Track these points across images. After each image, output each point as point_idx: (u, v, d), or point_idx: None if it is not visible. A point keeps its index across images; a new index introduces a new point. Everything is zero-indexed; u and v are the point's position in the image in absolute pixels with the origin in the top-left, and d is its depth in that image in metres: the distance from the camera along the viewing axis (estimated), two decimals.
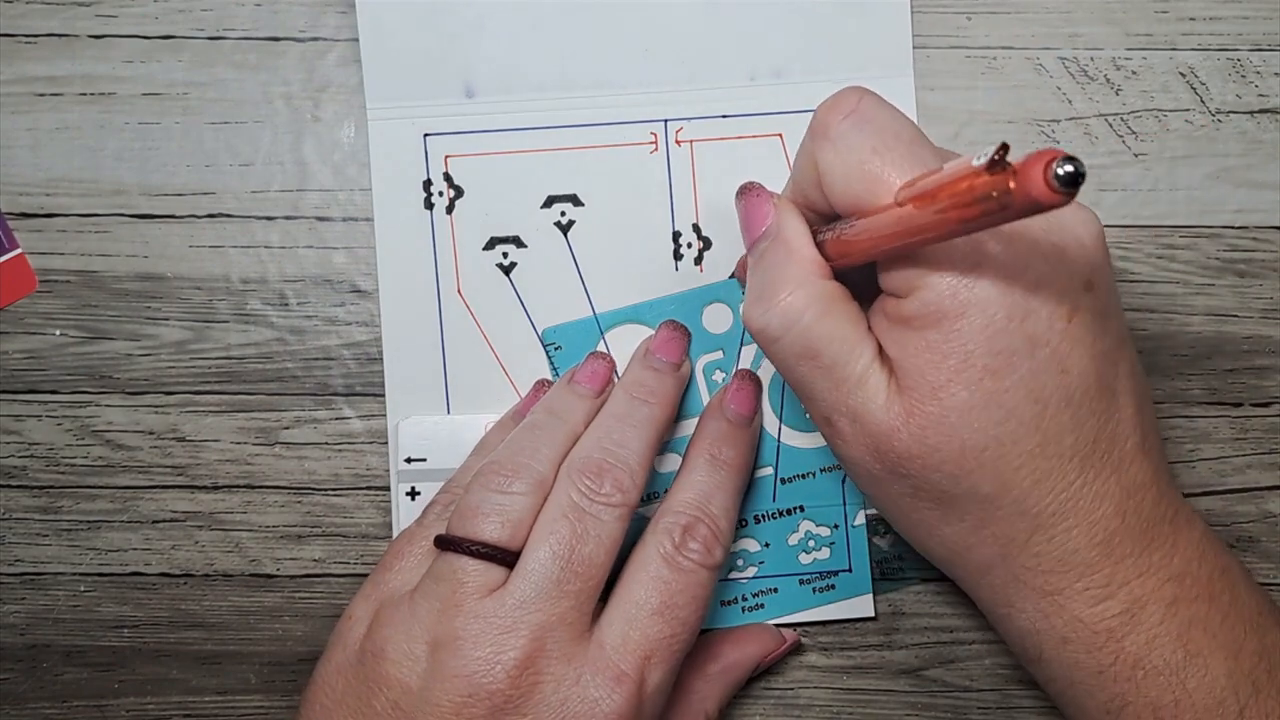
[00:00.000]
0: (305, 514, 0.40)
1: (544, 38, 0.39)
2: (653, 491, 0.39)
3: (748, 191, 0.34)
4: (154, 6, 0.40)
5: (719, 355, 0.39)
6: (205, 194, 0.40)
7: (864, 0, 0.39)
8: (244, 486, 0.40)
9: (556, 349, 0.39)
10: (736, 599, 0.40)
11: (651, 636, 0.33)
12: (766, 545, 0.39)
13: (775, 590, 0.40)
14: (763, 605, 0.40)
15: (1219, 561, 0.32)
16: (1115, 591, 0.31)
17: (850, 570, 0.40)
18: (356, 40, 0.39)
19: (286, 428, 0.40)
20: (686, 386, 0.39)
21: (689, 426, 0.39)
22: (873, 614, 0.40)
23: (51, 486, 0.40)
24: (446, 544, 0.33)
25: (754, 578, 0.40)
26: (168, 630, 0.41)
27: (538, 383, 0.39)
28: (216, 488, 0.40)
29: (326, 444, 0.40)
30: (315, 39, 0.40)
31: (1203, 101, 0.40)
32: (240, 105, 0.40)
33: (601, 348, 0.39)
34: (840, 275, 0.32)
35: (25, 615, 0.41)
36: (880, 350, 0.31)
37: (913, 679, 0.41)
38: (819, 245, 0.32)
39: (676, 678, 0.34)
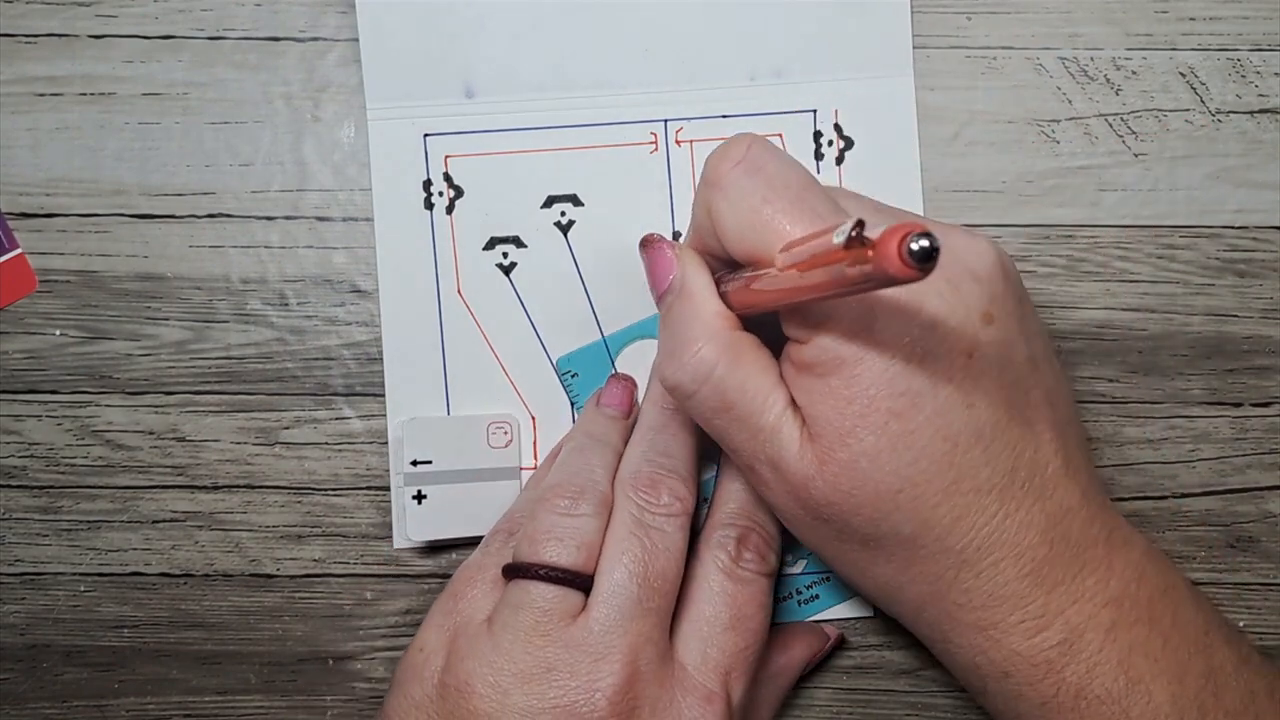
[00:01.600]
0: (305, 514, 0.40)
1: (544, 38, 0.39)
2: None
3: (649, 245, 0.34)
4: (154, 6, 0.40)
5: None
6: (205, 194, 0.40)
7: (864, 0, 0.39)
8: (244, 486, 0.40)
9: (573, 376, 0.39)
10: (790, 594, 0.40)
11: (729, 651, 0.33)
12: None
13: (828, 578, 0.40)
14: (817, 596, 0.40)
15: (1160, 581, 0.32)
16: (1051, 621, 0.30)
17: None
18: (356, 40, 0.39)
19: (286, 428, 0.40)
20: None
21: None
22: (873, 613, 0.40)
23: (51, 486, 0.40)
24: (518, 571, 0.33)
25: (804, 571, 0.40)
26: (168, 630, 0.41)
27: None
28: (216, 488, 0.40)
29: (326, 444, 0.40)
30: (315, 39, 0.40)
31: (1203, 101, 0.40)
32: (240, 105, 0.40)
33: (618, 367, 0.39)
34: (750, 322, 0.32)
35: (25, 615, 0.41)
36: (793, 398, 0.31)
37: (913, 679, 0.41)
38: (723, 295, 0.32)
39: None
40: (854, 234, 0.24)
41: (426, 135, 0.39)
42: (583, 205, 0.39)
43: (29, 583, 0.41)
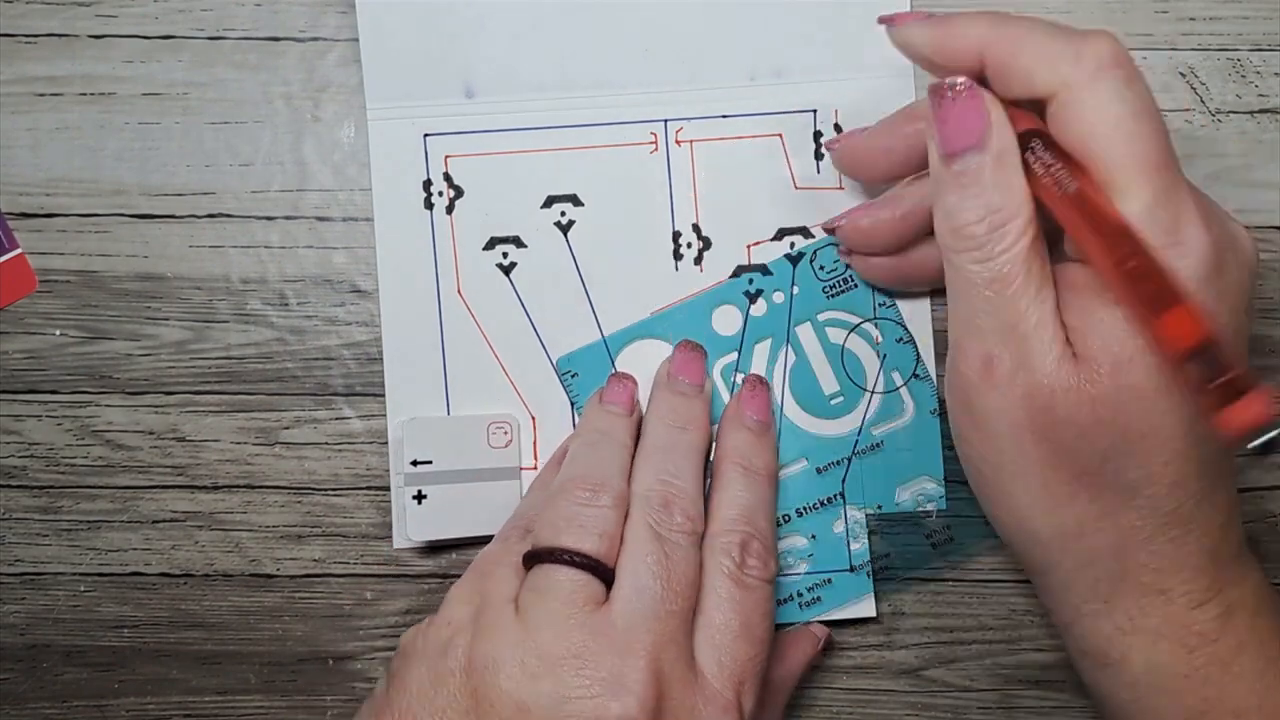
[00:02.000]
0: (305, 514, 0.40)
1: (544, 38, 0.39)
2: None
3: (957, 94, 0.30)
4: (154, 6, 0.40)
5: (734, 357, 0.39)
6: (205, 194, 0.40)
7: (864, 0, 0.39)
8: (244, 486, 0.40)
9: (573, 376, 0.39)
10: (792, 596, 0.40)
11: (741, 660, 0.33)
12: (813, 538, 0.39)
13: (829, 581, 0.40)
14: (819, 599, 0.40)
15: (1269, 584, 0.33)
16: (1213, 596, 0.31)
17: (850, 570, 0.40)
18: (356, 40, 0.39)
19: (286, 428, 0.40)
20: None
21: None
22: (874, 614, 0.40)
23: (51, 486, 0.40)
24: (540, 557, 0.33)
25: (806, 573, 0.40)
26: (168, 630, 0.41)
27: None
28: (216, 488, 0.40)
29: (326, 444, 0.40)
30: (315, 39, 0.40)
31: (1203, 101, 0.40)
32: (240, 105, 0.40)
33: (619, 367, 0.39)
34: None
35: (25, 615, 0.41)
36: (1056, 310, 0.30)
37: (913, 679, 0.41)
38: (1025, 139, 0.31)
39: None
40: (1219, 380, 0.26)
41: (426, 135, 0.39)
42: (583, 205, 0.39)
43: (29, 583, 0.41)
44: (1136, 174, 0.29)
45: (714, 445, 0.38)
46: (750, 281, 0.40)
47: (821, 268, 0.39)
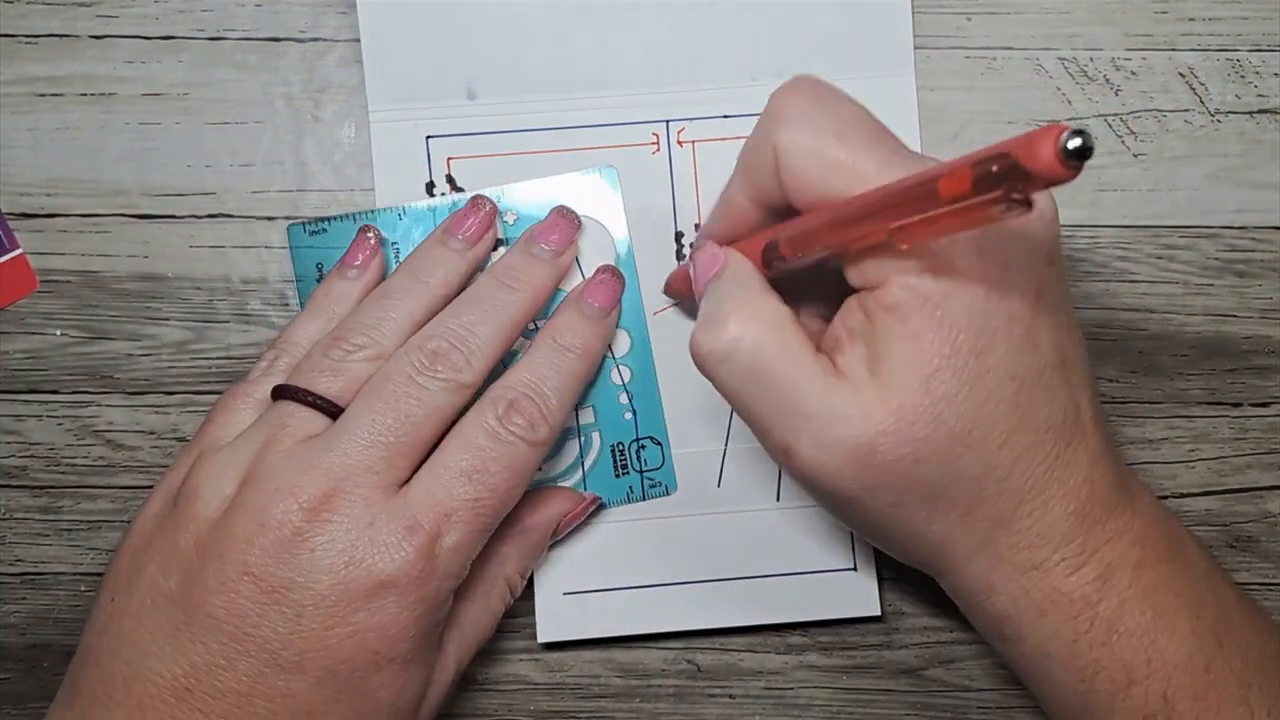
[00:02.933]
0: None
1: (546, 39, 0.39)
2: None
3: (701, 249, 0.35)
4: (154, 7, 0.40)
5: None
6: (205, 194, 0.40)
7: (864, 0, 0.39)
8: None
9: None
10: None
11: (455, 495, 0.33)
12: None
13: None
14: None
15: (1170, 525, 0.33)
16: (1089, 559, 0.31)
17: (854, 569, 0.40)
18: (357, 41, 0.39)
19: None
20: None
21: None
22: (879, 612, 0.40)
23: (52, 486, 0.40)
24: (281, 393, 0.34)
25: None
26: None
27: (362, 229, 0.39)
28: None
29: None
30: (316, 39, 0.40)
31: (1202, 102, 0.40)
32: (240, 106, 0.40)
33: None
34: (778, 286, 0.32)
35: (26, 615, 0.41)
36: (833, 367, 0.31)
37: (913, 679, 0.41)
38: (769, 249, 0.32)
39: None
40: (994, 169, 0.24)
41: (429, 137, 0.39)
42: None
43: (30, 582, 0.41)
44: (858, 186, 0.29)
45: None
46: None
47: None
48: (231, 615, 0.31)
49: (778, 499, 0.40)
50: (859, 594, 0.40)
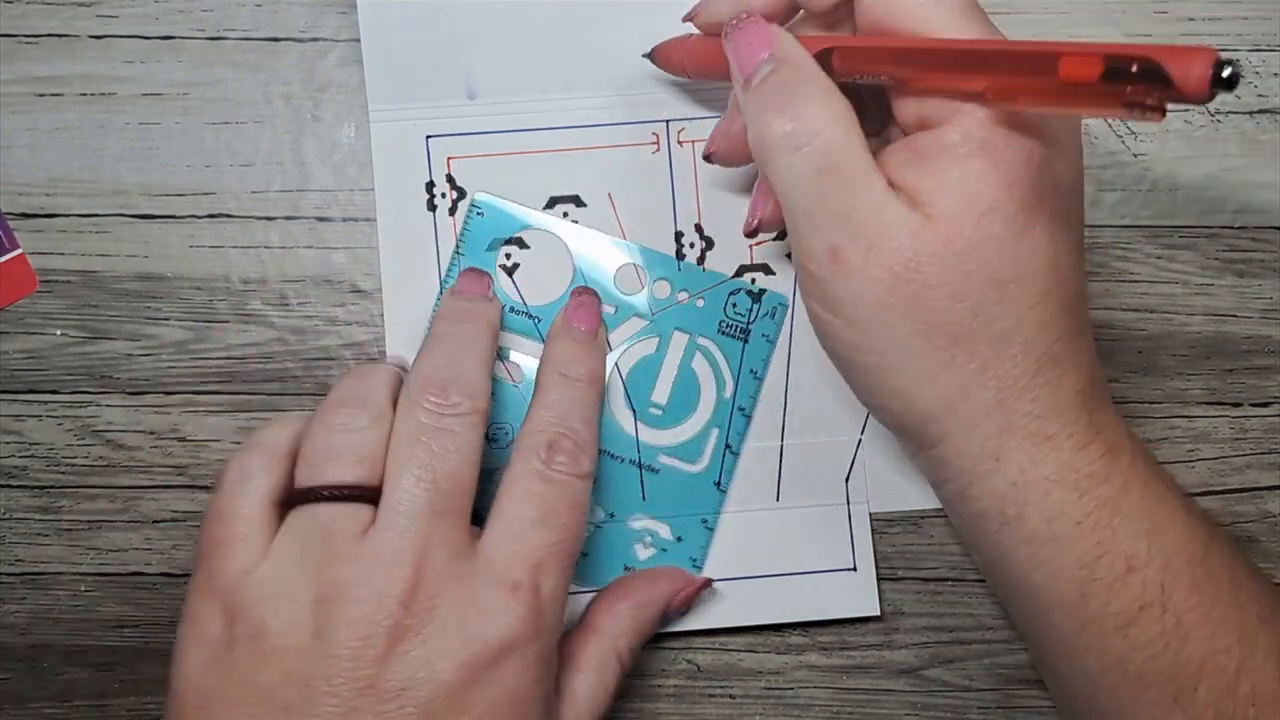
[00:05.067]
0: None
1: (545, 38, 0.39)
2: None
3: (740, 24, 0.33)
4: (154, 7, 0.40)
5: (610, 311, 0.39)
6: (205, 194, 0.40)
7: None
8: None
9: (479, 215, 0.39)
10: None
11: (537, 545, 0.33)
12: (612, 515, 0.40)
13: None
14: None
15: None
16: (1095, 437, 0.32)
17: (855, 569, 0.40)
18: (357, 41, 0.39)
19: None
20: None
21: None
22: (878, 612, 0.40)
23: (52, 486, 0.40)
24: (302, 498, 0.32)
25: (651, 556, 0.40)
26: (168, 630, 0.40)
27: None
28: None
29: None
30: (316, 39, 0.40)
31: None
32: (240, 105, 0.40)
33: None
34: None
35: (26, 615, 0.41)
36: (889, 187, 0.31)
37: (913, 679, 0.41)
38: (820, 56, 0.32)
39: (584, 611, 0.35)
40: (1133, 68, 0.25)
41: (429, 137, 0.39)
42: (585, 206, 0.39)
43: (30, 582, 0.41)
44: (947, 25, 0.30)
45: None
46: (753, 280, 0.40)
47: (734, 306, 0.40)
48: None
49: (778, 499, 0.40)
50: (859, 594, 0.40)
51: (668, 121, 0.40)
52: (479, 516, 0.33)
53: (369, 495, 0.32)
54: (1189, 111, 0.40)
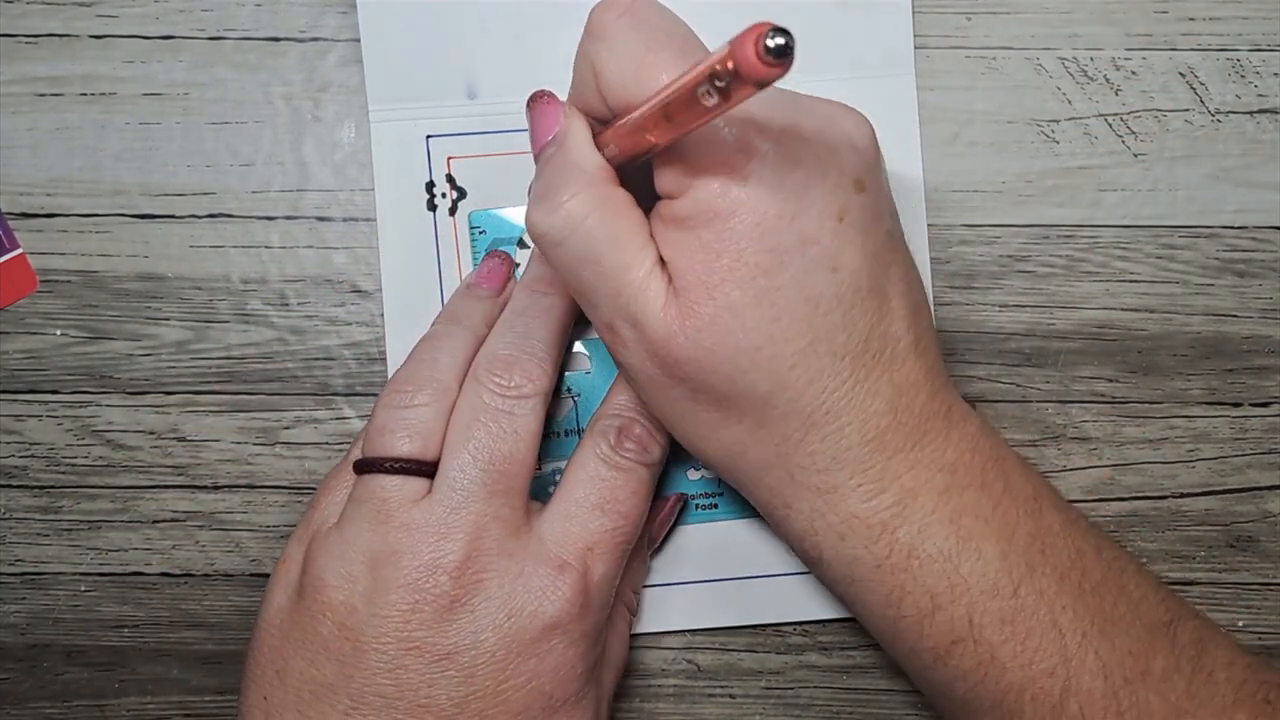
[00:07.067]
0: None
1: (545, 38, 0.39)
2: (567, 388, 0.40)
3: (537, 100, 0.34)
4: (154, 7, 0.40)
5: None
6: (205, 194, 0.40)
7: (864, 0, 0.39)
8: (244, 486, 0.40)
9: (480, 233, 0.39)
10: (693, 496, 0.40)
11: (593, 529, 0.34)
12: None
13: (724, 492, 0.40)
14: (715, 505, 0.40)
15: (993, 451, 0.33)
16: (888, 485, 0.31)
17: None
18: (357, 40, 0.39)
19: (287, 428, 0.40)
20: None
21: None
22: None
23: (52, 486, 0.40)
24: (362, 467, 0.34)
25: (704, 478, 0.40)
26: (168, 630, 0.41)
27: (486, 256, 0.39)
28: (217, 488, 0.40)
29: (327, 444, 0.40)
30: (316, 39, 0.40)
31: (1202, 101, 0.40)
32: (240, 105, 0.40)
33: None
34: (625, 183, 0.32)
35: (26, 615, 0.41)
36: (660, 258, 0.31)
37: None
38: (600, 145, 0.32)
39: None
40: (719, 66, 0.25)
41: (429, 136, 0.39)
42: None
43: (29, 582, 0.41)
44: (645, 81, 0.30)
45: None
46: None
47: None
48: (403, 691, 0.32)
49: None
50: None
51: None
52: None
53: (425, 469, 0.33)
54: (1189, 111, 0.40)
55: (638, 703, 0.41)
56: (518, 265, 0.39)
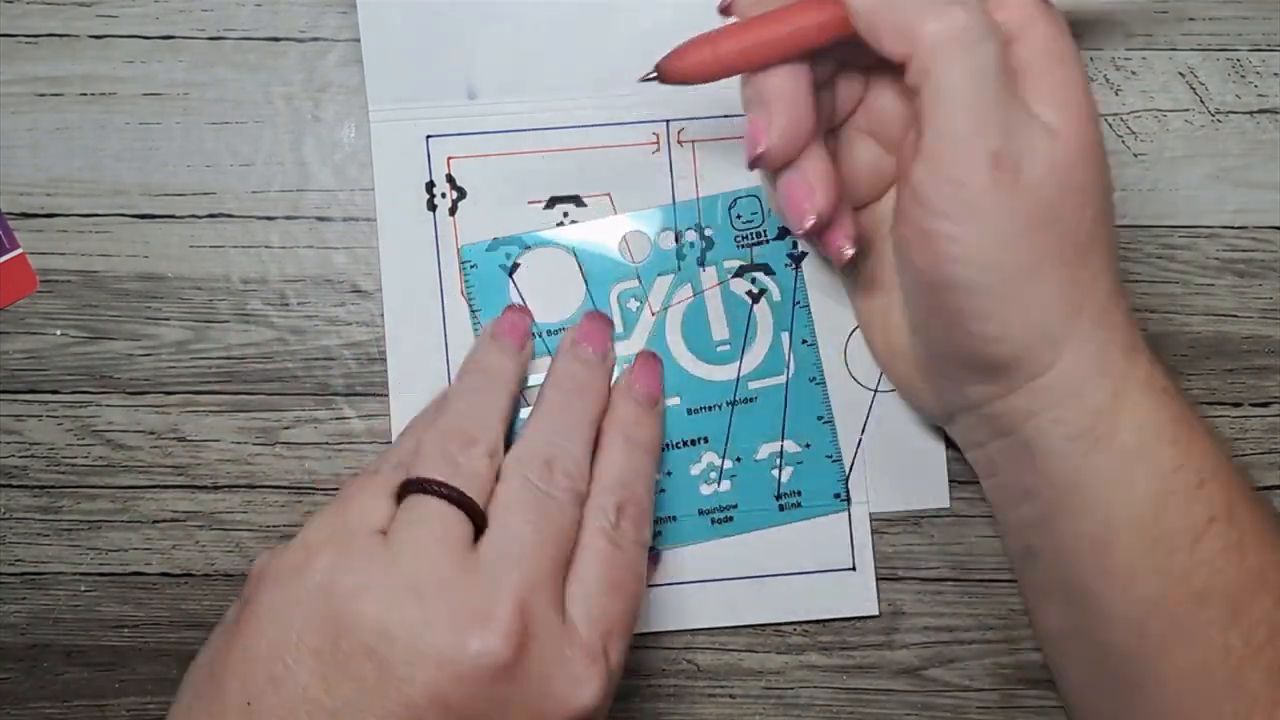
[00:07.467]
0: (306, 514, 0.40)
1: (546, 38, 0.39)
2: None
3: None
4: (154, 7, 0.40)
5: (635, 284, 0.39)
6: (205, 194, 0.40)
7: None
8: (244, 486, 0.40)
9: (472, 267, 0.39)
10: (707, 510, 0.40)
11: (611, 614, 0.33)
12: (668, 474, 0.40)
13: (674, 519, 0.40)
14: (660, 532, 0.40)
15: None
16: (1150, 354, 0.33)
17: (854, 569, 0.40)
18: (357, 40, 0.39)
19: (287, 428, 0.40)
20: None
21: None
22: (877, 612, 0.40)
23: (52, 486, 0.40)
24: (418, 486, 0.32)
25: (716, 492, 0.40)
26: (168, 630, 0.41)
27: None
28: (217, 488, 0.40)
29: (327, 444, 0.40)
30: (316, 39, 0.40)
31: (1202, 101, 0.40)
32: (240, 105, 0.40)
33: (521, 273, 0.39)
34: None
35: (26, 615, 0.41)
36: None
37: (913, 679, 0.41)
38: None
39: None
40: None
41: (429, 136, 0.39)
42: (585, 206, 0.39)
43: (29, 582, 0.41)
44: None
45: None
46: (753, 281, 0.40)
47: (739, 216, 0.40)
48: None
49: (778, 499, 0.40)
50: (859, 594, 0.40)
51: (668, 121, 0.40)
52: None
53: (475, 513, 0.32)
54: (1189, 112, 0.40)
55: (638, 702, 0.41)
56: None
